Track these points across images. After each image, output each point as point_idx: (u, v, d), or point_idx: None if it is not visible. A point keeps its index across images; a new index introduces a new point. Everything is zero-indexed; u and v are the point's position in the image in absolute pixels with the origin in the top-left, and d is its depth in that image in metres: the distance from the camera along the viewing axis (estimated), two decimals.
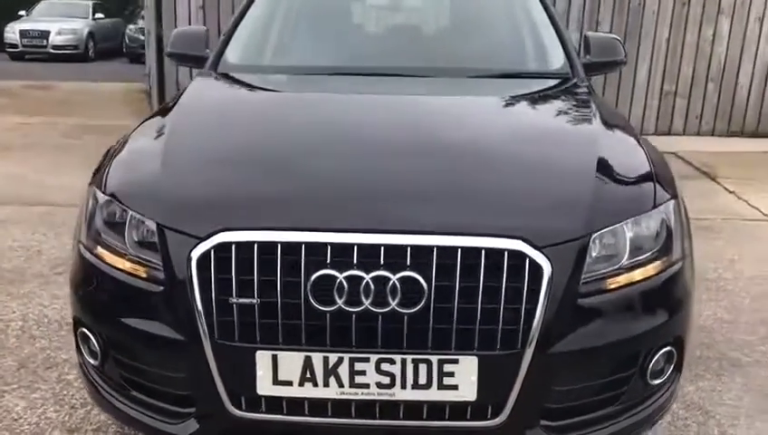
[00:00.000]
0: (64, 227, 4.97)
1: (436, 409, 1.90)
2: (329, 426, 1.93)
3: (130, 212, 2.08)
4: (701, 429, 2.76)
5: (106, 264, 2.10)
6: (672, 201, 2.20)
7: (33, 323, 3.54)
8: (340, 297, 1.84)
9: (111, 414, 2.20)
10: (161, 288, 1.97)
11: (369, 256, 1.86)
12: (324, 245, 1.88)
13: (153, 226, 2.02)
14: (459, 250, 1.86)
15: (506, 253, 1.86)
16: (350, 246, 1.87)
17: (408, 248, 1.86)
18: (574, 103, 2.86)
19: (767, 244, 4.96)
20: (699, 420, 2.80)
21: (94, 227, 2.19)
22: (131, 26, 18.40)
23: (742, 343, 3.47)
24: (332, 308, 1.85)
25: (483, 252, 1.86)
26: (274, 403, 1.92)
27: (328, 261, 1.86)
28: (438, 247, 1.86)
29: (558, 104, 2.90)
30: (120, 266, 2.07)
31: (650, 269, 2.04)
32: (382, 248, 1.86)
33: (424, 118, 2.57)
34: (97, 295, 2.14)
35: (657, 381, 2.10)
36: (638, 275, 2.02)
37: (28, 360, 3.18)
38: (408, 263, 1.85)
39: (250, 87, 3.07)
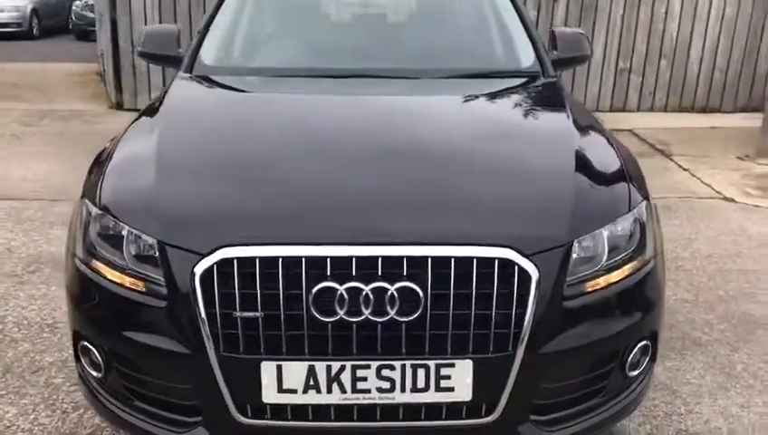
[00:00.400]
0: (34, 222, 4.95)
1: (434, 409, 2.02)
2: (332, 429, 2.02)
3: (127, 227, 2.13)
4: (668, 408, 2.94)
5: (105, 278, 2.15)
6: (644, 202, 2.33)
7: (12, 325, 3.55)
8: (341, 308, 1.93)
9: (115, 424, 2.26)
10: (164, 303, 2.03)
11: (367, 267, 1.95)
12: (324, 258, 1.96)
13: (153, 242, 2.07)
14: (453, 260, 1.96)
15: (497, 261, 1.97)
16: (349, 258, 1.96)
17: (405, 259, 1.96)
18: (546, 104, 2.97)
19: (720, 222, 5.19)
20: (667, 400, 2.98)
21: (89, 240, 2.23)
22: (78, 2, 17.89)
23: (702, 322, 3.67)
24: (334, 319, 1.94)
25: (474, 261, 1.96)
26: (279, 410, 2.01)
27: (328, 273, 1.95)
28: (433, 258, 1.96)
29: (531, 105, 3.00)
30: (120, 281, 2.12)
31: (626, 269, 2.17)
32: (380, 260, 1.95)
33: (407, 123, 2.65)
34: (97, 310, 2.19)
35: (634, 373, 2.25)
36: (615, 275, 2.15)
37: (13, 364, 3.20)
38: (405, 273, 1.95)
39: (233, 91, 3.09)
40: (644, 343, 2.23)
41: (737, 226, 5.13)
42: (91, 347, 2.20)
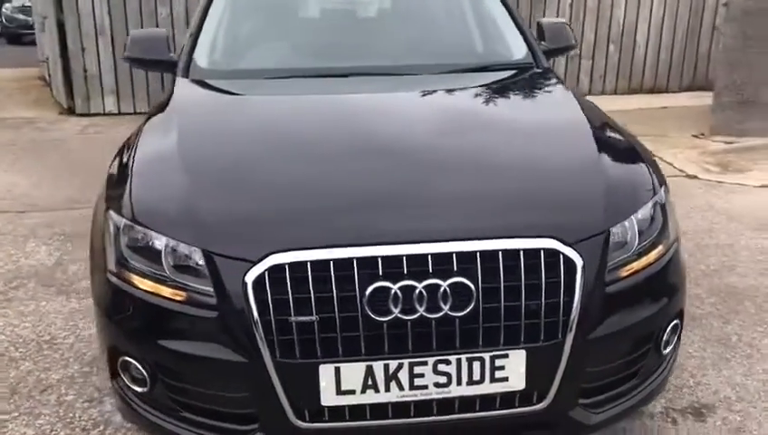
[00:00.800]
0: (6, 236, 4.80)
1: (488, 400, 2.06)
2: (390, 427, 2.05)
3: (165, 238, 2.10)
4: (678, 381, 3.05)
5: (144, 291, 2.12)
6: (663, 186, 2.43)
7: (8, 344, 3.44)
8: (396, 307, 1.95)
9: None
10: (215, 313, 2.02)
11: (418, 264, 1.98)
12: (375, 258, 1.97)
13: (197, 252, 2.05)
14: (500, 253, 2.01)
15: (542, 252, 2.02)
16: (400, 257, 1.98)
17: (454, 255, 1.99)
18: (552, 93, 3.04)
19: (688, 199, 5.39)
20: (675, 374, 3.10)
21: (122, 253, 2.19)
22: (8, 5, 17.25)
23: (693, 296, 3.81)
24: (389, 318, 1.96)
25: (521, 253, 2.01)
26: (337, 411, 2.02)
27: (380, 273, 1.97)
28: (481, 252, 2.00)
29: (537, 95, 3.07)
30: (162, 293, 2.09)
31: (655, 253, 2.26)
32: (430, 257, 1.98)
33: (426, 119, 2.68)
34: (139, 324, 2.15)
35: (666, 351, 2.34)
36: (646, 259, 2.23)
37: (18, 385, 3.10)
38: (455, 269, 1.98)
39: (241, 95, 3.05)
40: (675, 322, 2.32)
41: (704, 202, 5.33)
42: (133, 362, 2.16)
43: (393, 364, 1.99)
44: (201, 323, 2.05)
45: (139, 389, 2.19)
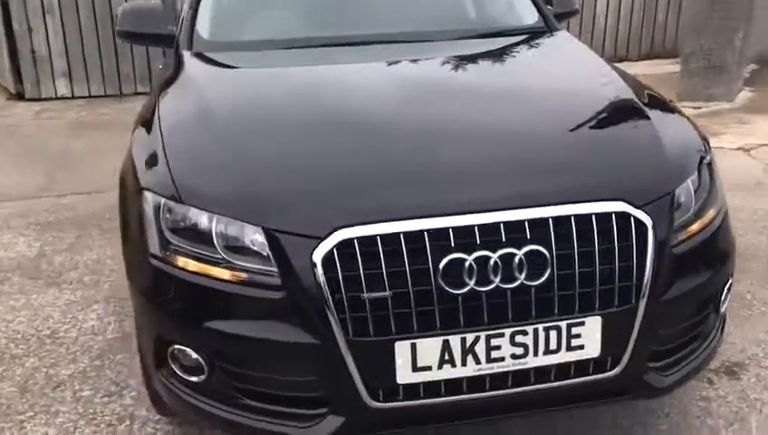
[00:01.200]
0: None
1: (563, 369, 2.01)
2: (465, 402, 1.98)
3: (217, 217, 1.97)
4: None
5: (197, 274, 1.99)
6: (710, 150, 2.41)
7: (6, 341, 3.23)
8: (470, 278, 1.88)
9: (222, 428, 2.11)
10: (281, 294, 1.90)
11: (490, 234, 1.91)
12: (446, 229, 1.89)
13: (256, 230, 1.93)
14: (573, 218, 1.95)
15: (614, 215, 1.97)
16: (471, 227, 1.90)
17: (527, 222, 1.93)
18: (581, 56, 2.98)
19: None
20: None
21: (165, 236, 2.05)
22: None
23: None
24: (464, 290, 1.88)
25: (593, 217, 1.96)
26: (411, 389, 1.94)
27: (452, 244, 1.89)
28: (554, 218, 1.94)
29: (568, 58, 3.00)
30: (218, 276, 1.96)
31: (711, 212, 2.24)
32: (502, 226, 1.91)
33: (464, 85, 2.60)
34: (195, 310, 2.01)
35: (721, 311, 2.34)
36: (704, 219, 2.21)
37: (27, 383, 2.92)
38: (529, 236, 1.92)
39: (265, 68, 2.88)
40: (730, 282, 2.32)
41: None
42: (187, 351, 2.03)
43: (470, 338, 1.91)
44: (265, 305, 1.93)
45: (193, 378, 2.06)
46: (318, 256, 1.86)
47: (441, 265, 1.87)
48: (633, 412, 2.61)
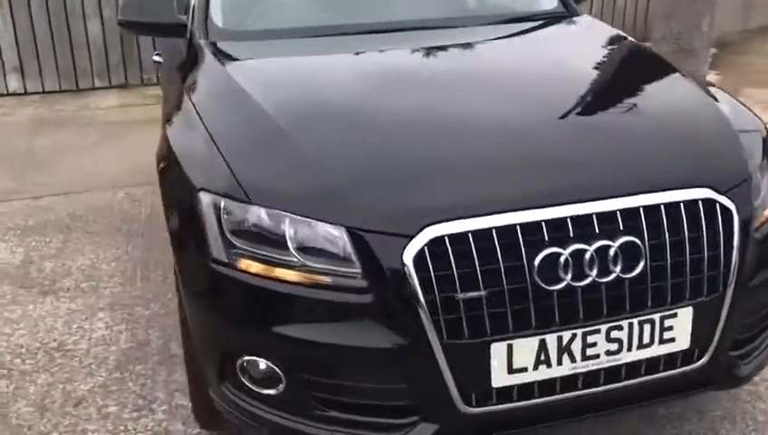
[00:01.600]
0: None
1: (653, 363, 1.95)
2: (558, 402, 1.90)
3: (291, 217, 1.84)
4: None
5: (270, 279, 1.85)
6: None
7: (11, 356, 3.01)
8: (566, 273, 1.80)
9: None
10: (367, 297, 1.79)
11: (583, 226, 1.83)
12: (538, 223, 1.81)
13: (337, 230, 1.80)
14: (662, 206, 1.89)
15: (700, 202, 1.92)
16: (563, 219, 1.83)
17: (618, 213, 1.86)
18: (619, 40, 2.92)
19: None
20: None
21: (229, 239, 1.90)
22: None
23: None
24: (561, 286, 1.81)
25: (681, 205, 1.90)
26: (505, 392, 1.86)
27: (546, 238, 1.81)
28: (644, 207, 1.87)
29: (607, 43, 2.93)
30: (295, 280, 1.83)
31: None
32: (594, 217, 1.84)
33: (516, 71, 2.51)
34: (268, 318, 1.87)
35: None
36: None
37: (44, 401, 2.72)
38: (622, 227, 1.85)
39: (301, 56, 2.73)
40: None
41: None
42: (261, 362, 1.89)
43: (566, 336, 1.84)
44: (349, 310, 1.81)
45: (267, 391, 1.92)
46: (409, 255, 1.75)
47: (537, 261, 1.78)
48: (685, 400, 2.59)
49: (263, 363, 1.90)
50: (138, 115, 6.88)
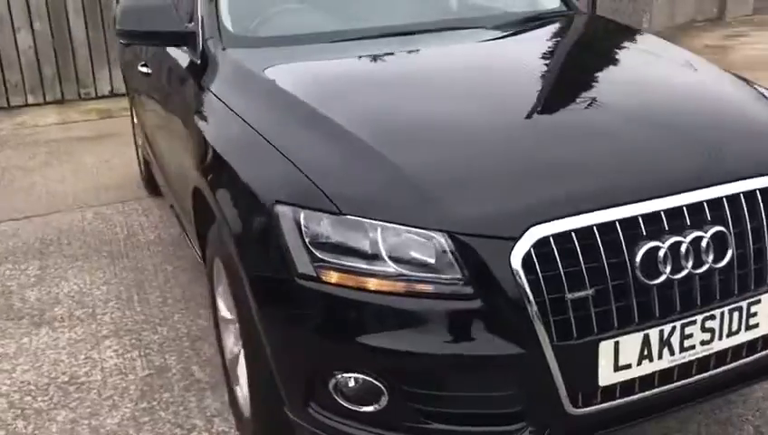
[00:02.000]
0: None
1: (739, 350, 1.98)
2: (655, 397, 1.90)
3: (387, 225, 1.77)
4: None
5: (365, 291, 1.77)
6: None
7: (20, 395, 2.78)
8: (665, 266, 1.81)
9: None
10: (474, 303, 1.73)
11: (676, 218, 1.84)
12: (635, 217, 1.81)
13: (438, 237, 1.75)
14: (741, 195, 1.92)
15: None
16: (658, 212, 1.83)
17: (705, 203, 1.88)
18: (637, 35, 2.96)
19: None
20: None
21: (314, 252, 1.81)
22: None
23: None
24: (661, 280, 1.81)
25: (758, 192, 1.94)
26: (609, 390, 1.84)
27: (644, 233, 1.81)
28: (726, 197, 1.90)
29: (630, 39, 2.97)
30: (393, 290, 1.76)
31: None
32: (685, 208, 1.86)
33: (561, 68, 2.52)
34: (366, 332, 1.79)
35: None
36: None
37: None
38: (710, 217, 1.87)
39: (338, 59, 2.64)
40: None
41: None
42: (359, 378, 1.81)
43: (667, 329, 1.84)
44: (455, 318, 1.76)
45: (366, 408, 1.84)
46: (517, 257, 1.71)
47: (639, 256, 1.78)
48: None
49: (361, 380, 1.81)
50: (82, 132, 6.59)
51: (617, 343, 1.79)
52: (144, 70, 3.56)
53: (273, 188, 1.93)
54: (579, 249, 1.75)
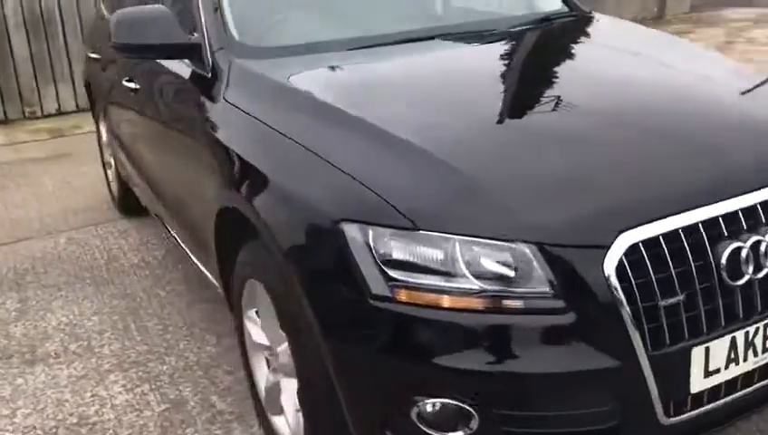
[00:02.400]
0: None
1: None
2: (739, 399, 1.85)
3: (466, 240, 1.67)
4: None
5: (447, 310, 1.67)
6: None
7: None
8: (748, 266, 1.77)
9: None
10: (567, 317, 1.65)
11: (752, 217, 1.81)
12: (716, 218, 1.77)
13: (524, 249, 1.66)
14: None
15: None
16: (735, 212, 1.79)
17: None
18: (653, 35, 2.93)
19: None
20: None
21: (389, 271, 1.70)
22: None
23: None
24: (744, 280, 1.77)
25: None
26: (697, 397, 1.78)
27: (725, 233, 1.76)
28: None
29: (642, 37, 2.94)
30: (476, 307, 1.66)
31: None
32: (759, 206, 1.83)
33: (603, 70, 2.46)
34: (452, 354, 1.68)
35: None
36: None
37: None
38: None
39: (367, 67, 2.52)
40: None
41: None
42: (445, 402, 1.70)
43: (752, 330, 1.80)
44: (548, 333, 1.67)
45: (450, 434, 1.73)
46: (610, 266, 1.64)
47: (724, 257, 1.73)
48: None
49: (446, 404, 1.71)
50: (34, 153, 6.26)
51: (707, 349, 1.74)
52: (130, 85, 3.35)
53: (338, 205, 1.80)
54: (667, 254, 1.69)
